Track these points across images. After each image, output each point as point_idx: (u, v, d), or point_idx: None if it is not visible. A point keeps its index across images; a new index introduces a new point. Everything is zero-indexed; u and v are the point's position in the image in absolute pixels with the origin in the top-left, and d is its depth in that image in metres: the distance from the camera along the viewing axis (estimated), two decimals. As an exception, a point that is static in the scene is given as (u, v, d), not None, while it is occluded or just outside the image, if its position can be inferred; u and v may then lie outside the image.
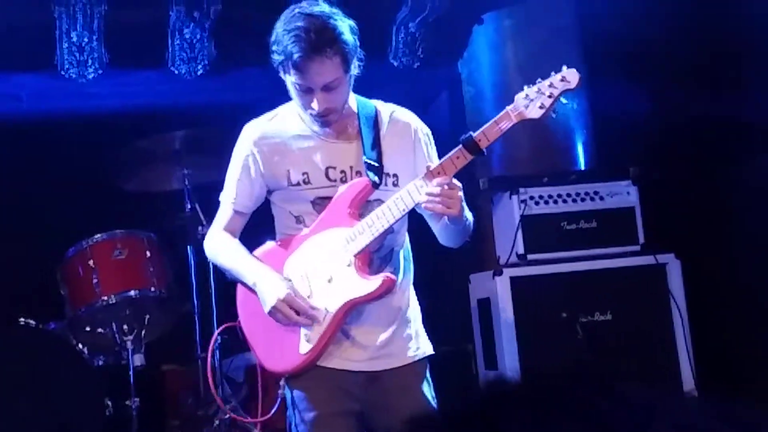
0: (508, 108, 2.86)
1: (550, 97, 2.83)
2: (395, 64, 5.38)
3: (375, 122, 3.01)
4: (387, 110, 3.07)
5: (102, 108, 5.40)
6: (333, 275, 2.92)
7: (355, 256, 2.89)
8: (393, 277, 2.91)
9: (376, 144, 2.97)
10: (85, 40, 4.92)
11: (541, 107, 2.83)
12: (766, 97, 4.78)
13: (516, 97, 2.87)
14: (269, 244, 3.08)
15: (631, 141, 5.20)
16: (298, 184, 2.96)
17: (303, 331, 2.93)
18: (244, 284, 3.04)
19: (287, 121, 3.02)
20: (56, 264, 4.63)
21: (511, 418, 1.03)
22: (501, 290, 4.51)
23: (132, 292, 4.51)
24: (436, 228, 3.09)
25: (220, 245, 3.08)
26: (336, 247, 2.92)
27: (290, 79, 2.87)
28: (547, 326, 4.51)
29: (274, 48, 2.87)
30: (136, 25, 5.08)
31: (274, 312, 2.89)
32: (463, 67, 5.73)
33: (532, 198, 4.66)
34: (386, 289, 2.88)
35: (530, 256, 4.63)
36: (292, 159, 2.97)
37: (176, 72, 5.13)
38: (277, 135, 3.01)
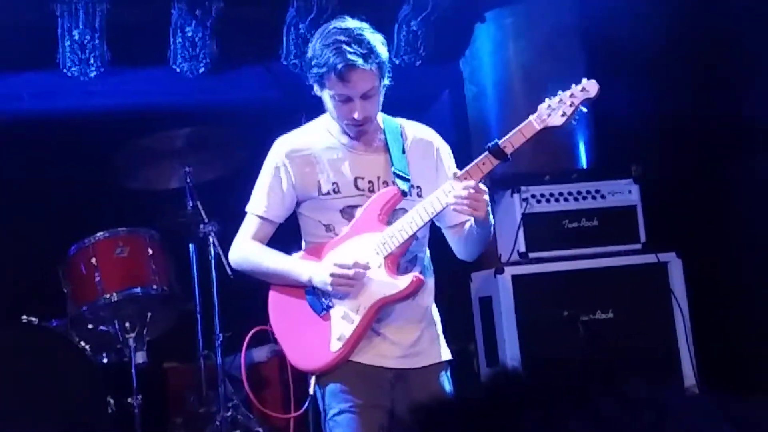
0: (532, 117, 3.07)
1: (571, 105, 3.06)
2: (397, 62, 5.38)
3: (400, 137, 3.20)
4: (410, 127, 3.27)
5: (104, 106, 5.40)
6: (365, 275, 3.05)
7: (385, 258, 3.05)
8: (421, 276, 3.08)
9: (402, 156, 3.15)
10: (87, 38, 4.93)
11: (563, 115, 3.06)
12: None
13: (539, 107, 3.08)
14: (300, 253, 3.20)
15: (633, 139, 5.20)
16: (329, 193, 3.12)
17: (334, 329, 3.05)
18: (279, 288, 3.16)
19: (316, 135, 3.19)
20: (59, 262, 4.64)
21: (520, 413, 1.04)
22: (502, 289, 4.52)
23: (134, 290, 4.52)
24: (456, 238, 3.23)
25: (256, 252, 3.17)
26: (367, 250, 3.07)
27: (329, 92, 3.05)
28: (548, 324, 4.52)
29: (313, 63, 3.05)
30: (138, 23, 5.08)
31: (335, 276, 2.98)
32: (465, 65, 5.73)
33: (533, 196, 4.67)
34: (415, 288, 3.04)
35: (532, 255, 4.63)
36: (322, 170, 3.13)
37: (178, 70, 5.13)
38: (307, 148, 3.16)
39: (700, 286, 4.73)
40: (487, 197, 3.00)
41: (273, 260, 3.15)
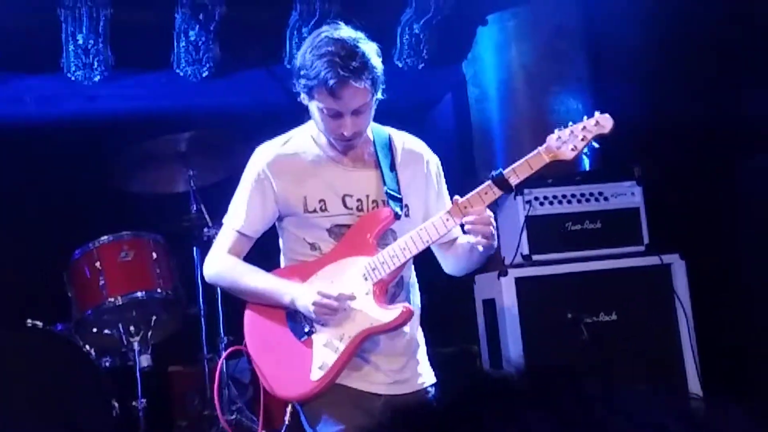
0: (540, 148, 2.94)
1: (582, 140, 2.94)
2: (400, 65, 5.39)
3: (389, 150, 3.03)
4: (399, 138, 3.10)
5: (107, 110, 5.42)
6: (350, 303, 2.91)
7: (374, 284, 2.91)
8: (411, 307, 2.94)
9: (393, 173, 3.00)
10: (91, 42, 4.94)
11: (573, 149, 2.93)
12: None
13: (548, 138, 2.94)
14: (284, 269, 3.05)
15: (635, 141, 5.20)
16: (315, 211, 2.95)
17: (316, 357, 2.91)
18: (256, 307, 3.00)
19: (302, 146, 3.01)
20: (63, 266, 4.65)
21: (482, 408, 1.06)
22: (506, 291, 4.52)
23: (138, 294, 4.53)
24: (447, 255, 3.11)
25: (232, 268, 3.01)
26: (355, 275, 2.93)
27: (317, 105, 2.88)
28: (552, 327, 4.52)
29: (302, 73, 2.87)
30: (142, 27, 5.09)
31: (318, 308, 2.84)
32: (468, 68, 5.74)
33: (536, 198, 4.66)
34: (404, 320, 2.91)
35: (535, 257, 4.63)
36: (309, 185, 2.96)
37: (181, 74, 5.14)
38: (293, 159, 2.99)
39: (703, 288, 4.73)
40: (493, 223, 2.89)
41: (252, 278, 2.97)
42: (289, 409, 2.99)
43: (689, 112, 5.08)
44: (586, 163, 5.37)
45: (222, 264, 3.03)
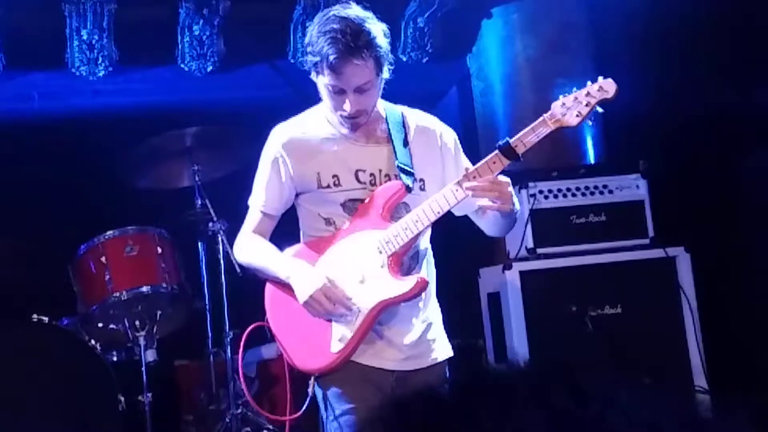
0: (545, 115, 2.94)
1: (587, 105, 2.93)
2: (404, 59, 5.39)
3: (402, 126, 3.07)
4: (413, 116, 3.14)
5: (112, 105, 5.43)
6: (366, 276, 2.96)
7: (389, 257, 2.95)
8: (426, 278, 2.98)
9: (406, 148, 3.04)
10: (96, 37, 4.95)
11: (578, 115, 2.93)
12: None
13: (553, 105, 2.95)
14: (298, 246, 3.10)
15: (641, 135, 5.20)
16: (329, 186, 3.00)
17: (335, 330, 2.96)
18: (276, 283, 3.06)
19: (315, 125, 3.07)
20: (68, 261, 4.66)
21: (480, 404, 1.06)
22: (511, 284, 4.52)
23: (144, 288, 4.54)
24: (483, 222, 3.15)
25: (251, 246, 3.11)
26: (369, 248, 2.96)
27: (323, 81, 2.93)
28: (556, 320, 4.52)
29: (309, 50, 2.93)
30: (146, 22, 5.10)
31: (310, 302, 2.91)
32: (473, 61, 5.73)
33: (541, 192, 4.67)
34: (419, 290, 2.94)
35: (540, 250, 4.63)
36: (322, 162, 3.01)
37: (186, 69, 5.15)
38: (306, 138, 3.04)
39: (708, 281, 4.73)
40: (510, 188, 2.90)
41: (262, 256, 3.07)
42: (311, 381, 3.02)
43: (694, 105, 5.08)
44: (591, 156, 5.37)
45: (244, 244, 3.15)
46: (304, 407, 3.07)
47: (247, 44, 5.19)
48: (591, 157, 5.36)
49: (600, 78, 2.97)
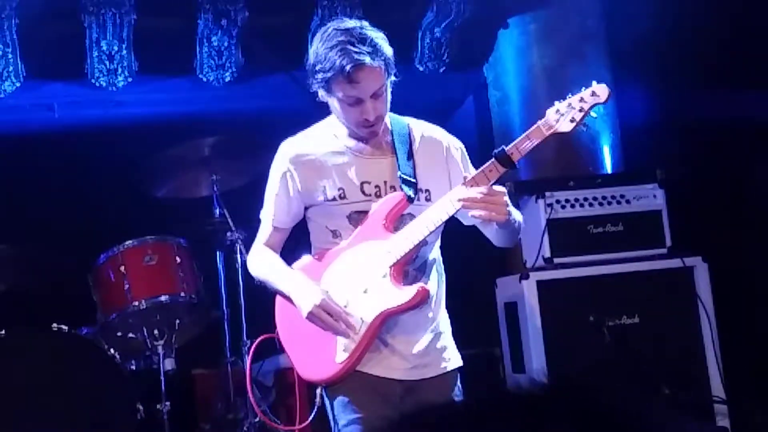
0: (539, 122, 2.94)
1: (580, 111, 2.93)
2: (421, 69, 5.41)
3: (408, 138, 3.10)
4: (418, 127, 3.16)
5: (132, 115, 5.46)
6: (369, 286, 2.98)
7: (390, 267, 2.96)
8: (427, 287, 2.97)
9: (410, 159, 3.06)
10: (115, 48, 4.99)
11: (571, 121, 2.92)
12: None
13: (547, 111, 2.95)
14: (306, 258, 3.14)
15: (658, 144, 5.20)
16: (334, 199, 3.03)
17: (340, 340, 2.98)
18: (282, 294, 3.12)
19: (321, 139, 3.10)
20: (88, 270, 4.69)
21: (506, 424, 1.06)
22: (528, 294, 4.52)
23: (163, 298, 4.56)
24: (488, 232, 3.15)
25: (260, 259, 3.18)
26: (372, 259, 2.99)
27: (336, 96, 2.95)
28: (574, 329, 4.51)
29: (317, 68, 2.93)
30: (165, 33, 5.14)
31: (311, 317, 2.96)
32: (489, 71, 5.74)
33: (558, 202, 4.66)
34: (420, 300, 2.94)
35: (557, 260, 4.63)
36: (328, 175, 3.04)
37: (204, 79, 5.18)
38: (312, 152, 3.08)
39: (726, 291, 4.71)
40: (506, 198, 2.90)
41: (269, 269, 3.15)
42: (318, 391, 3.05)
43: (712, 114, 5.07)
44: (608, 166, 5.36)
45: (254, 257, 3.21)
46: (311, 417, 3.08)
47: (265, 55, 5.21)
48: (608, 167, 5.35)
49: (593, 82, 2.96)
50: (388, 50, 2.96)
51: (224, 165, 4.76)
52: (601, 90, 2.93)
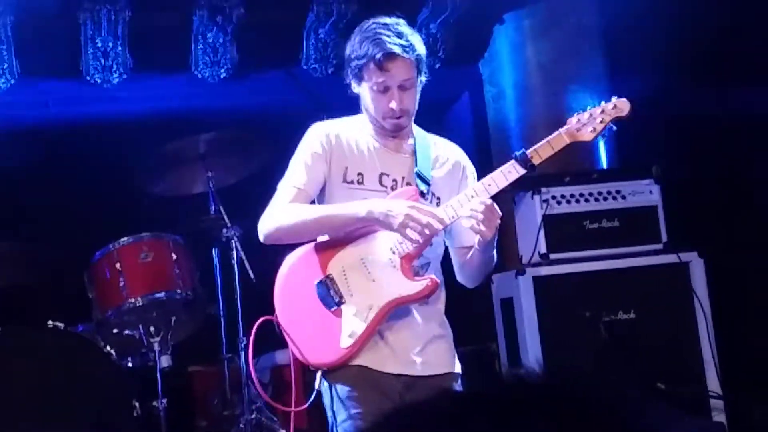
0: (561, 130, 3.08)
1: (601, 122, 3.08)
2: (417, 65, 5.40)
3: (429, 149, 3.19)
4: (441, 143, 3.27)
5: (127, 112, 5.45)
6: (377, 276, 3.03)
7: (401, 258, 3.02)
8: (437, 279, 3.04)
9: (428, 164, 3.15)
10: (110, 45, 4.98)
11: (592, 131, 3.07)
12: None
13: (568, 120, 3.09)
14: (312, 243, 3.15)
15: (653, 139, 5.20)
16: (352, 182, 3.10)
17: (345, 325, 3.01)
18: (287, 276, 3.10)
19: (351, 128, 3.18)
20: (84, 267, 4.68)
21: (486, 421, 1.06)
22: (524, 290, 4.52)
23: (159, 295, 4.55)
24: (461, 261, 3.19)
25: (297, 208, 3.06)
26: (383, 248, 3.05)
27: (367, 84, 3.05)
28: (570, 325, 4.52)
29: (353, 56, 3.06)
30: (160, 29, 5.13)
31: (407, 220, 2.90)
32: (485, 67, 5.74)
33: (554, 197, 4.67)
34: (431, 291, 3.01)
35: (553, 256, 4.63)
36: (351, 158, 3.12)
37: (200, 76, 5.17)
38: (342, 134, 3.15)
39: (722, 286, 4.72)
40: (497, 220, 2.96)
41: (320, 208, 3.10)
42: (318, 375, 3.06)
43: (708, 109, 5.07)
44: (604, 161, 5.37)
45: (287, 209, 3.07)
46: (310, 400, 3.09)
47: (260, 51, 5.20)
48: (604, 162, 5.35)
49: (614, 98, 3.11)
50: (422, 49, 3.09)
51: (220, 161, 4.75)
52: (622, 104, 3.10)
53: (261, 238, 3.13)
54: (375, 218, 2.97)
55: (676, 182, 4.84)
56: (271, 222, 3.08)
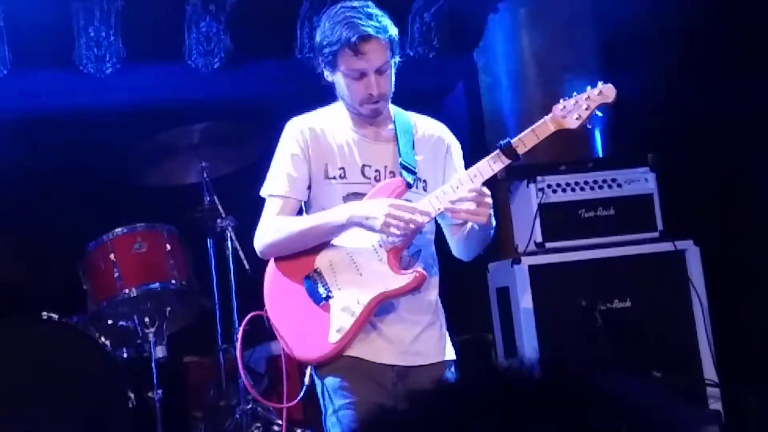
0: (546, 117, 3.04)
1: (587, 109, 3.04)
2: (411, 54, 5.38)
3: (411, 130, 3.14)
4: (422, 121, 3.22)
5: (120, 102, 5.43)
6: (364, 269, 3.01)
7: (387, 251, 2.99)
8: (424, 272, 3.00)
9: (411, 149, 3.10)
10: (103, 35, 4.96)
11: (578, 118, 3.03)
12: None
13: (554, 107, 3.05)
14: None
15: (649, 128, 5.19)
16: (334, 177, 3.07)
17: (333, 320, 2.99)
18: (276, 272, 3.07)
19: (329, 120, 3.14)
20: (78, 258, 4.67)
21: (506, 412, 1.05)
22: (519, 279, 4.52)
23: (153, 285, 4.55)
24: (455, 237, 3.16)
25: (286, 222, 3.06)
26: (368, 242, 3.01)
27: (341, 72, 3.01)
28: (566, 314, 4.51)
29: (324, 43, 3.01)
30: (153, 19, 5.11)
31: (389, 220, 2.88)
32: (479, 56, 5.72)
33: (549, 186, 4.66)
34: (417, 284, 2.98)
35: (548, 245, 4.63)
36: (332, 153, 3.08)
37: (193, 65, 5.15)
38: (320, 128, 3.11)
39: (717, 274, 4.72)
40: (489, 200, 2.94)
41: (304, 220, 3.07)
42: (308, 371, 3.06)
43: (703, 98, 5.06)
44: (599, 150, 5.36)
45: (275, 225, 3.07)
46: (300, 395, 3.09)
47: (254, 40, 5.18)
48: (599, 151, 5.34)
49: (600, 83, 3.08)
50: (393, 30, 3.04)
51: (213, 152, 4.74)
52: (608, 90, 3.06)
53: (258, 254, 3.15)
54: (356, 223, 2.96)
55: (671, 170, 4.84)
56: (262, 240, 3.10)
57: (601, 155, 5.31)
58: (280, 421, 4.60)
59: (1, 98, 5.06)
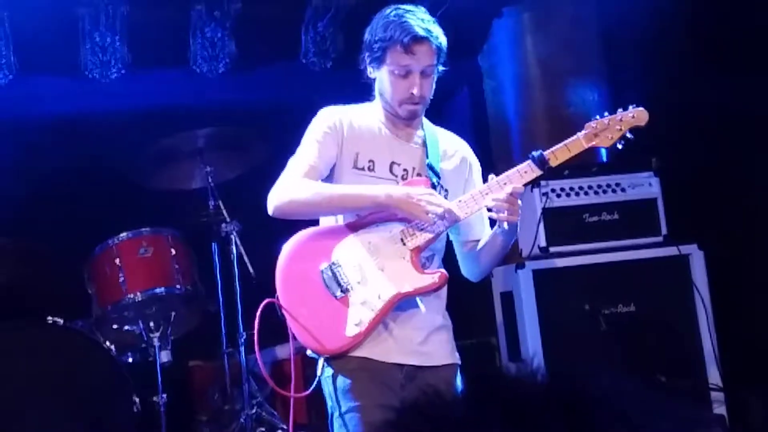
0: (580, 134, 3.13)
1: (619, 130, 3.15)
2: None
3: (437, 143, 3.20)
4: (446, 136, 3.29)
5: (125, 107, 5.44)
6: (386, 266, 3.03)
7: (411, 250, 3.03)
8: (446, 273, 3.06)
9: (437, 157, 3.16)
10: (108, 40, 4.97)
11: (610, 138, 3.15)
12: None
13: (587, 125, 3.14)
14: (317, 227, 3.15)
15: (653, 132, 5.17)
16: (363, 169, 3.10)
17: (352, 314, 3.00)
18: (291, 259, 3.07)
19: (363, 114, 3.18)
20: (83, 262, 4.68)
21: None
22: (524, 283, 4.52)
23: (158, 290, 4.56)
24: (468, 254, 3.21)
25: (312, 184, 3.03)
26: (391, 239, 3.05)
27: (388, 68, 3.05)
28: (570, 318, 4.51)
29: (376, 38, 3.06)
30: (158, 24, 5.12)
31: (427, 206, 2.94)
32: (484, 60, 5.73)
33: (553, 190, 4.66)
34: (441, 284, 3.04)
35: (552, 249, 4.63)
36: (363, 144, 3.11)
37: (198, 70, 5.17)
38: (354, 119, 3.15)
39: (722, 278, 4.71)
40: (520, 203, 3.00)
41: (333, 186, 3.06)
42: (320, 363, 3.06)
43: (708, 103, 5.05)
44: (603, 154, 5.36)
45: (301, 183, 3.03)
46: (312, 387, 3.08)
47: (259, 46, 5.20)
48: (603, 155, 5.34)
49: (631, 106, 3.18)
50: (443, 39, 3.10)
51: (218, 156, 4.75)
52: (640, 114, 3.17)
53: (270, 210, 3.05)
54: (394, 202, 2.98)
55: (675, 175, 4.83)
56: (285, 194, 3.03)
57: (605, 160, 5.31)
58: (284, 426, 4.60)
59: (7, 103, 5.07)
